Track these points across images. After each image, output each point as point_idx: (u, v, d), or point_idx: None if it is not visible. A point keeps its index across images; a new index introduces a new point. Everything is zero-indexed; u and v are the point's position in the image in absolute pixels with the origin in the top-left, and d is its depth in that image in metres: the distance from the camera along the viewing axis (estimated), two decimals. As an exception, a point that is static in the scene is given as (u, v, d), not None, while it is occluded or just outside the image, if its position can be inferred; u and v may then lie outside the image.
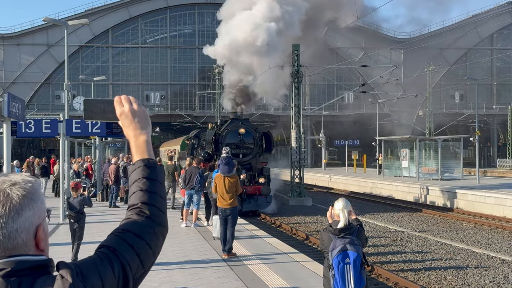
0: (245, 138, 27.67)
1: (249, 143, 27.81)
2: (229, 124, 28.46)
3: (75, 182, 13.49)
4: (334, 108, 78.24)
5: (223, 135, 27.74)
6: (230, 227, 13.41)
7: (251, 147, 27.79)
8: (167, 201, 23.02)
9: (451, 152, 41.83)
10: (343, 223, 6.55)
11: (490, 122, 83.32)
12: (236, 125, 28.09)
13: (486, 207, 27.92)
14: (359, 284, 6.30)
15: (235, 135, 27.66)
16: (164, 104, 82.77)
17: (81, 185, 13.86)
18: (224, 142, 26.80)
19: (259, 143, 27.96)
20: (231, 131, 27.86)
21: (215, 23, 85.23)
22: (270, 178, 28.90)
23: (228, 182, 13.48)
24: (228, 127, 28.19)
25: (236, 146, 27.37)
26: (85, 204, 12.56)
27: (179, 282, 10.64)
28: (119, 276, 1.82)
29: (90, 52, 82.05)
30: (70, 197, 12.90)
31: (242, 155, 27.58)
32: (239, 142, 27.60)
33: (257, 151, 27.96)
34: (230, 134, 27.75)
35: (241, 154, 27.56)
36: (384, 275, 14.71)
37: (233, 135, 27.69)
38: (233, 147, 26.74)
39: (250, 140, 27.83)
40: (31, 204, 1.80)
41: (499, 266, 15.89)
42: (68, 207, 12.45)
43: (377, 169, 49.42)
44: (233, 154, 25.87)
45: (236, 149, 27.33)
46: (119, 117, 2.17)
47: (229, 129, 28.04)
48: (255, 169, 27.96)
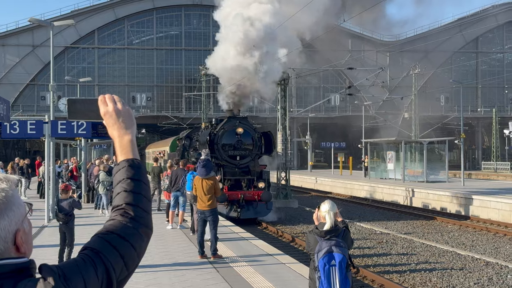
0: (243, 138, 25.15)
1: (247, 144, 25.30)
2: (226, 123, 25.75)
3: (65, 184, 13.41)
4: (320, 110, 78.42)
5: (219, 135, 25.22)
6: (212, 229, 13.39)
7: (249, 148, 25.33)
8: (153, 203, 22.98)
9: (436, 155, 42.03)
10: (329, 225, 6.55)
11: (475, 125, 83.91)
12: (234, 124, 25.38)
13: (471, 209, 28.07)
14: (345, 286, 6.30)
15: (232, 135, 25.14)
16: (150, 106, 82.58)
17: (71, 187, 13.75)
18: (220, 143, 25.03)
19: (258, 144, 25.53)
20: (228, 131, 25.25)
21: (202, 24, 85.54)
22: (270, 183, 26.91)
23: (206, 184, 13.47)
24: (224, 126, 25.51)
25: (233, 147, 25.09)
26: (75, 206, 12.48)
27: (164, 284, 10.60)
28: (102, 279, 1.79)
29: (76, 53, 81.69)
30: (60, 198, 12.81)
31: (240, 157, 25.27)
32: (236, 143, 25.08)
33: (256, 152, 25.56)
34: (226, 134, 25.25)
35: (239, 156, 25.26)
36: (369, 277, 14.75)
37: (230, 135, 25.18)
38: (230, 149, 25.04)
39: (248, 140, 25.33)
40: (5, 213, 1.76)
41: (483, 268, 15.98)
42: (58, 209, 12.35)
43: (363, 171, 49.57)
44: (230, 156, 25.01)
45: (234, 150, 25.13)
46: (103, 117, 2.14)
47: (226, 128, 25.37)
48: (254, 172, 25.58)
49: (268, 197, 24.72)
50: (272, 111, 54.99)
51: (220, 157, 25.00)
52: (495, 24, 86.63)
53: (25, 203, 1.88)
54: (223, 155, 24.98)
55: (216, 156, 24.86)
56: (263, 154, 26.38)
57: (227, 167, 25.15)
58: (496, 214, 26.35)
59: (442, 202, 30.58)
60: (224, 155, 24.98)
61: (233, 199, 24.43)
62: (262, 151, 25.82)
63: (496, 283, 14.26)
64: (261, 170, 26.01)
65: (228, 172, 25.18)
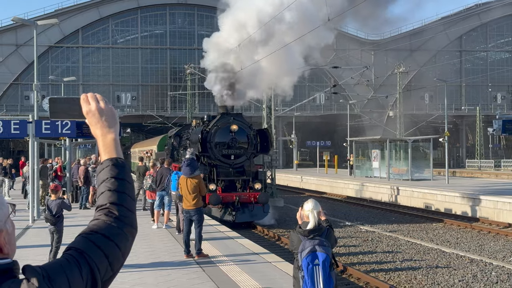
0: (238, 136, 23.65)
1: (242, 142, 23.79)
2: (219, 120, 24.12)
3: (55, 185, 13.31)
4: (305, 109, 78.55)
5: (211, 132, 23.66)
6: (197, 228, 13.38)
7: (244, 147, 23.84)
8: (138, 202, 22.88)
9: (421, 153, 42.25)
10: (313, 224, 6.56)
11: (459, 123, 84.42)
12: (227, 121, 23.83)
13: (455, 207, 28.25)
14: (328, 285, 6.32)
15: (226, 133, 23.64)
16: (135, 105, 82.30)
17: (61, 188, 13.65)
18: (213, 141, 23.58)
19: (254, 142, 24.06)
20: (221, 128, 23.75)
21: (186, 23, 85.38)
22: (266, 184, 25.74)
23: (191, 183, 13.45)
24: (217, 123, 23.92)
25: (227, 145, 23.61)
26: (64, 207, 12.41)
27: (150, 284, 10.57)
28: (87, 279, 1.78)
29: (60, 52, 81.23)
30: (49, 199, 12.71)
31: (235, 157, 23.78)
32: (230, 141, 23.57)
33: (251, 151, 24.06)
34: (220, 132, 23.74)
35: (233, 155, 23.75)
36: (355, 275, 14.80)
37: (224, 132, 23.67)
38: (224, 147, 23.60)
39: (243, 138, 23.82)
40: None
41: (468, 266, 16.08)
42: (47, 210, 12.24)
43: (348, 170, 49.72)
44: (224, 155, 23.67)
45: (227, 149, 23.64)
46: (86, 116, 2.12)
47: (219, 125, 23.84)
48: (249, 173, 24.08)
49: (265, 199, 23.33)
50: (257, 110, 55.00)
51: (213, 157, 23.72)
52: (479, 23, 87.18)
53: (8, 204, 1.86)
54: (216, 154, 23.64)
55: (208, 155, 23.74)
56: (259, 152, 25.04)
57: (220, 167, 23.83)
58: (479, 211, 26.53)
59: (426, 200, 30.74)
60: (217, 154, 23.64)
61: (228, 201, 22.98)
62: (258, 149, 24.41)
63: (480, 280, 14.36)
64: (256, 170, 24.65)
65: (221, 172, 23.86)
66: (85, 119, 2.14)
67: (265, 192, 24.09)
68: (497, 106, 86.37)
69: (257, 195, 23.11)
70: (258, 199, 23.04)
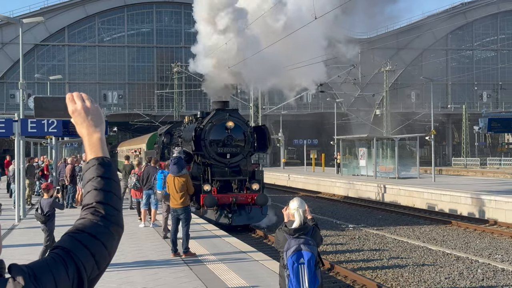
0: (234, 133, 22.43)
1: (239, 140, 22.58)
2: (214, 116, 22.85)
3: (47, 183, 13.25)
4: (292, 107, 78.63)
5: (206, 130, 22.41)
6: (184, 227, 13.35)
7: (241, 145, 22.63)
8: (125, 201, 22.82)
9: (407, 151, 42.42)
10: (298, 223, 6.57)
11: (445, 121, 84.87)
12: (223, 117, 22.58)
13: (442, 205, 28.41)
14: (314, 284, 6.34)
15: (221, 130, 22.42)
16: (122, 104, 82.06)
17: (53, 186, 13.57)
18: (208, 139, 22.34)
19: (251, 139, 22.86)
20: (216, 125, 22.50)
21: (173, 22, 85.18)
22: (264, 184, 24.29)
23: (178, 182, 13.43)
24: (212, 120, 22.66)
25: (222, 143, 22.37)
26: (56, 206, 12.35)
27: (137, 283, 10.55)
28: (73, 278, 1.78)
29: (45, 50, 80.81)
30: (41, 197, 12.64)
31: (230, 155, 22.50)
32: (226, 139, 22.33)
33: (248, 150, 22.86)
34: (215, 129, 22.48)
35: (229, 154, 22.47)
36: (342, 273, 14.84)
37: (219, 129, 22.46)
38: (219, 145, 22.37)
39: (240, 136, 22.61)
40: None
41: (454, 263, 16.18)
42: (39, 208, 12.17)
43: (335, 168, 49.83)
44: (219, 153, 22.42)
45: (223, 147, 22.41)
46: (72, 115, 2.12)
47: (214, 122, 22.58)
48: (246, 172, 22.82)
49: (263, 200, 21.94)
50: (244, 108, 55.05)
51: (207, 155, 22.49)
52: (464, 22, 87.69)
53: None
54: (211, 152, 22.43)
55: (203, 154, 22.56)
56: (257, 151, 23.97)
57: (215, 166, 22.58)
58: (466, 208, 26.70)
59: (413, 198, 30.88)
60: (212, 153, 22.42)
61: (224, 203, 21.75)
62: (255, 148, 23.21)
63: (466, 277, 14.45)
64: (253, 170, 23.47)
65: (216, 172, 22.61)
66: (71, 118, 2.13)
67: (263, 193, 22.72)
68: (483, 104, 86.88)
69: (255, 196, 21.93)
70: (256, 201, 21.83)
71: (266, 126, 24.23)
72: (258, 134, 23.36)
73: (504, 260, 16.69)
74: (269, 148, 23.79)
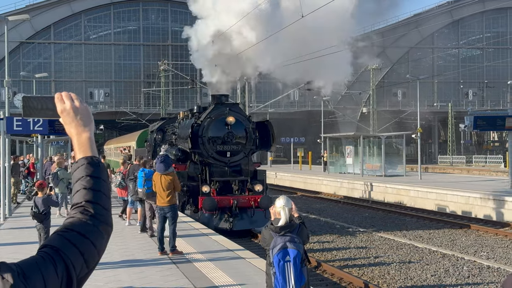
0: (234, 130, 20.54)
1: (240, 137, 20.74)
2: (213, 111, 20.92)
3: (40, 181, 13.20)
4: (279, 105, 78.67)
5: (204, 126, 20.54)
6: (171, 225, 13.32)
7: (242, 142, 20.80)
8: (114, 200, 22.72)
9: (394, 149, 42.59)
10: (284, 221, 6.59)
11: (432, 119, 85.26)
12: (222, 112, 20.65)
13: (428, 203, 28.55)
14: (300, 281, 6.36)
15: (220, 126, 20.54)
16: (109, 102, 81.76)
17: (46, 184, 13.51)
18: (207, 136, 20.54)
19: (253, 136, 21.05)
20: (215, 121, 20.63)
21: (160, 19, 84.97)
22: (267, 185, 22.39)
23: (165, 180, 13.40)
24: (211, 115, 20.77)
25: (222, 141, 20.55)
26: (50, 204, 12.28)
27: (124, 281, 10.53)
28: (62, 276, 1.78)
29: (31, 48, 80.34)
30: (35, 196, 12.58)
31: (231, 154, 20.68)
32: (226, 136, 20.45)
33: (250, 147, 21.05)
34: (214, 125, 20.63)
35: (229, 153, 20.65)
36: (329, 271, 14.89)
37: (218, 125, 20.58)
38: (218, 143, 20.57)
39: (241, 132, 20.78)
40: None
41: (440, 260, 16.28)
42: (35, 207, 12.11)
43: (322, 166, 49.94)
44: (219, 152, 20.62)
45: (222, 145, 20.61)
46: (61, 115, 2.13)
47: (213, 117, 20.69)
48: (247, 172, 20.99)
49: (267, 203, 19.56)
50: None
51: (205, 154, 20.63)
52: (450, 20, 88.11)
53: None
54: (209, 150, 20.58)
55: (200, 152, 20.68)
56: (259, 149, 22.32)
57: (214, 165, 20.71)
58: (452, 206, 26.87)
59: (400, 196, 31.03)
60: (210, 151, 20.58)
61: (224, 206, 19.85)
62: (257, 145, 21.51)
63: (452, 274, 14.54)
64: (255, 169, 21.78)
65: (216, 172, 20.74)
66: (60, 118, 2.14)
67: (267, 195, 20.89)
68: (469, 102, 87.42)
69: (258, 198, 20.10)
70: (260, 203, 19.91)
71: (270, 122, 22.10)
72: (261, 130, 21.72)
73: (490, 258, 16.82)
74: (273, 146, 21.99)
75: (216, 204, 19.51)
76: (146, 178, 15.62)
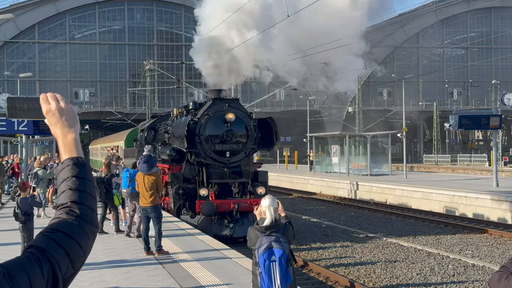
0: (234, 127, 19.04)
1: (240, 135, 19.25)
2: (211, 107, 19.35)
3: (23, 182, 13.11)
4: (265, 105, 78.71)
5: (201, 123, 19.02)
6: (156, 225, 13.26)
7: (242, 141, 19.30)
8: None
9: (379, 148, 42.76)
10: (269, 220, 6.61)
11: (417, 118, 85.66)
12: (221, 108, 19.14)
13: (413, 201, 28.69)
14: (286, 281, 6.37)
15: (219, 124, 19.04)
16: (94, 101, 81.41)
17: (29, 185, 13.41)
18: (204, 134, 19.02)
19: (254, 135, 19.52)
20: (213, 118, 19.11)
21: (145, 19, 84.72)
22: (269, 187, 20.49)
23: (148, 180, 13.36)
24: (208, 112, 19.20)
25: (220, 140, 19.01)
26: (34, 204, 12.19)
27: (110, 282, 10.50)
28: (48, 277, 1.78)
29: (15, 48, 79.83)
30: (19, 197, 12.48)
31: (230, 153, 19.17)
32: (225, 134, 18.94)
33: (251, 146, 19.55)
34: (212, 122, 19.10)
35: (229, 152, 19.14)
36: (315, 270, 14.92)
37: (217, 123, 19.07)
38: (217, 142, 19.04)
39: (241, 130, 19.29)
40: None
41: (426, 259, 16.36)
42: (17, 207, 12.01)
43: (308, 165, 50.04)
44: (217, 151, 19.13)
45: (221, 144, 19.07)
46: (46, 115, 2.12)
47: (211, 114, 19.14)
48: (248, 173, 19.46)
49: None
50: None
51: (203, 153, 19.11)
52: (435, 20, 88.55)
53: None
54: (207, 150, 19.07)
55: (197, 152, 19.20)
56: (261, 148, 20.83)
57: (212, 166, 19.23)
58: (437, 205, 27.02)
59: (385, 195, 31.15)
60: (208, 151, 19.07)
61: (224, 210, 18.37)
62: (258, 144, 19.90)
63: (438, 273, 14.63)
64: (255, 170, 20.26)
65: (214, 173, 19.28)
66: (45, 119, 2.14)
67: None
68: (453, 101, 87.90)
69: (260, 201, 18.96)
70: None
71: (273, 118, 20.45)
72: (262, 128, 20.02)
73: (475, 256, 16.94)
74: (276, 145, 20.23)
75: (215, 209, 17.99)
76: (131, 179, 15.57)
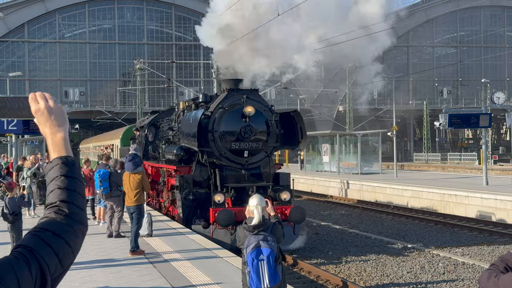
0: (253, 123, 16.36)
1: (260, 132, 16.59)
2: (226, 100, 16.72)
3: (9, 182, 13.05)
4: (256, 104, 78.62)
5: (215, 118, 16.41)
6: (134, 225, 13.10)
7: (263, 139, 16.65)
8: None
9: (370, 147, 42.85)
10: (257, 219, 6.62)
11: (407, 117, 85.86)
12: (238, 100, 16.56)
13: (404, 200, 28.77)
14: (274, 280, 6.39)
15: (236, 118, 16.42)
16: (84, 101, 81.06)
17: (16, 184, 13.35)
18: (218, 131, 16.43)
19: (276, 131, 16.90)
20: (229, 112, 16.51)
21: (135, 18, 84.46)
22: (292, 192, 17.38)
23: (133, 179, 13.31)
24: (223, 104, 16.56)
25: (237, 137, 16.43)
26: (21, 204, 12.13)
27: (100, 281, 10.47)
28: (36, 276, 1.77)
29: (4, 47, 79.38)
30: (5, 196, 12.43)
31: (249, 153, 16.64)
32: (243, 130, 16.31)
33: (273, 145, 17.04)
34: (227, 117, 16.50)
35: (247, 152, 16.60)
36: (306, 269, 14.94)
37: (234, 118, 16.47)
38: (233, 140, 16.48)
39: (261, 126, 16.63)
40: None
41: (416, 257, 16.42)
42: (5, 208, 11.96)
43: (299, 164, 50.05)
44: (234, 151, 16.54)
45: (238, 142, 16.49)
46: (35, 115, 2.12)
47: (226, 107, 16.51)
48: (269, 176, 17.00)
49: (300, 216, 15.99)
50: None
51: (217, 153, 16.53)
52: (425, 19, 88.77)
53: None
54: (222, 149, 16.49)
55: (211, 151, 16.60)
56: (283, 146, 18.39)
57: (227, 168, 16.73)
58: (428, 203, 27.11)
59: (375, 194, 31.21)
60: (224, 150, 16.49)
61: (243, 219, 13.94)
62: (280, 142, 17.31)
63: (428, 271, 14.69)
64: (276, 172, 17.92)
65: (229, 176, 16.69)
66: (34, 118, 2.13)
67: (300, 206, 17.28)
68: (443, 100, 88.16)
69: (285, 209, 15.94)
70: (290, 216, 15.78)
71: (298, 112, 17.90)
72: (286, 124, 17.50)
73: (465, 254, 17.01)
74: (302, 143, 17.65)
75: (233, 217, 15.26)
76: (101, 179, 15.47)
